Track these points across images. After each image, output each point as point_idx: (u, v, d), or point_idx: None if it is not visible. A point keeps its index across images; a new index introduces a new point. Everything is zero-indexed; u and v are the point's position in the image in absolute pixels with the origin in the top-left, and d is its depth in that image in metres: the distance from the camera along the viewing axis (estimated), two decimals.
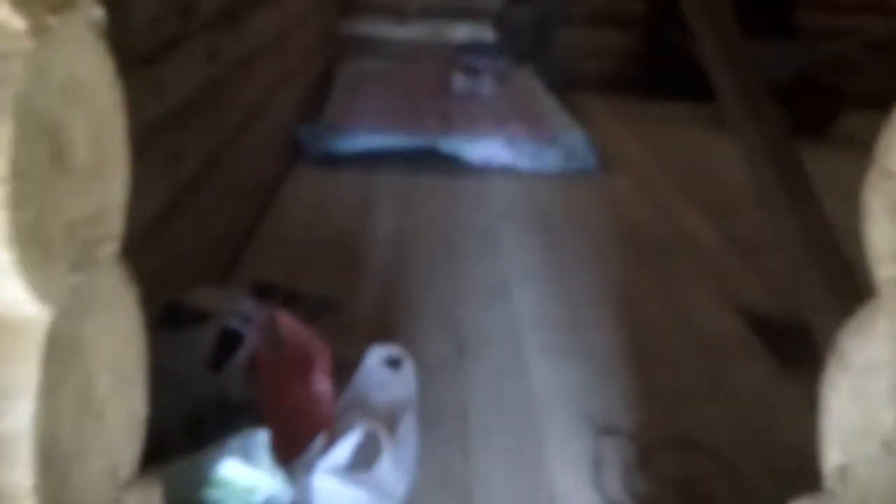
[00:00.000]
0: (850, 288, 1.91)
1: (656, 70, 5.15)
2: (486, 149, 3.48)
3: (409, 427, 1.53)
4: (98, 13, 0.59)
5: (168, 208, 1.87)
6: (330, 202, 3.10)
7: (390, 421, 1.51)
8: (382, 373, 1.63)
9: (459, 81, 4.14)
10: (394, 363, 1.67)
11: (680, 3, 2.60)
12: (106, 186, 0.61)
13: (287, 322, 1.53)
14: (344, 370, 1.69)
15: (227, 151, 2.38)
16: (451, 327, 2.20)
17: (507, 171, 3.49)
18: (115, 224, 0.65)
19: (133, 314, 0.69)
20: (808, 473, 0.84)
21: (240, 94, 2.55)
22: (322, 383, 1.45)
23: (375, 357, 1.63)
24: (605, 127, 4.35)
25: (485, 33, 5.08)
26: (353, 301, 2.29)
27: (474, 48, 4.52)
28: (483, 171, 3.48)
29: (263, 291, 2.13)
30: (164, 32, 1.85)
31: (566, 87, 4.92)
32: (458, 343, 2.12)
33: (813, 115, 4.37)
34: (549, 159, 3.48)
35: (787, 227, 2.04)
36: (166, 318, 1.62)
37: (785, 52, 4.36)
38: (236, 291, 1.83)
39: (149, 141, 1.73)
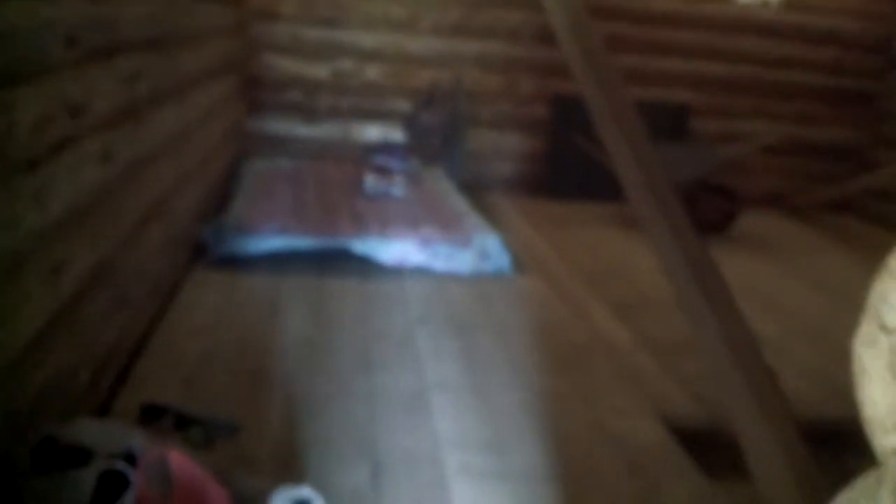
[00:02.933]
0: (775, 395, 1.88)
1: (560, 171, 5.29)
2: (399, 250, 3.39)
3: None
4: None
5: (46, 328, 1.67)
6: (233, 307, 2.91)
7: None
8: None
9: (371, 182, 4.08)
10: None
11: (588, 108, 2.64)
12: None
13: (179, 461, 1.34)
14: None
15: (117, 258, 2.19)
16: (367, 449, 2.03)
17: (421, 273, 3.40)
18: None
19: None
20: None
21: (135, 196, 2.39)
22: None
23: (280, 501, 1.46)
24: (515, 227, 4.37)
25: (395, 134, 5.10)
26: (257, 422, 2.09)
27: (385, 149, 4.50)
28: (397, 272, 3.39)
29: (153, 415, 1.92)
30: (52, 134, 1.70)
31: (475, 187, 4.97)
32: (373, 467, 1.95)
33: (714, 215, 4.54)
34: (464, 261, 3.43)
35: (707, 333, 2.01)
36: (41, 458, 1.41)
37: (687, 155, 4.55)
38: (121, 424, 1.62)
39: (27, 255, 1.54)
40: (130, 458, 1.38)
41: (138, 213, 2.43)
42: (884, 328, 0.53)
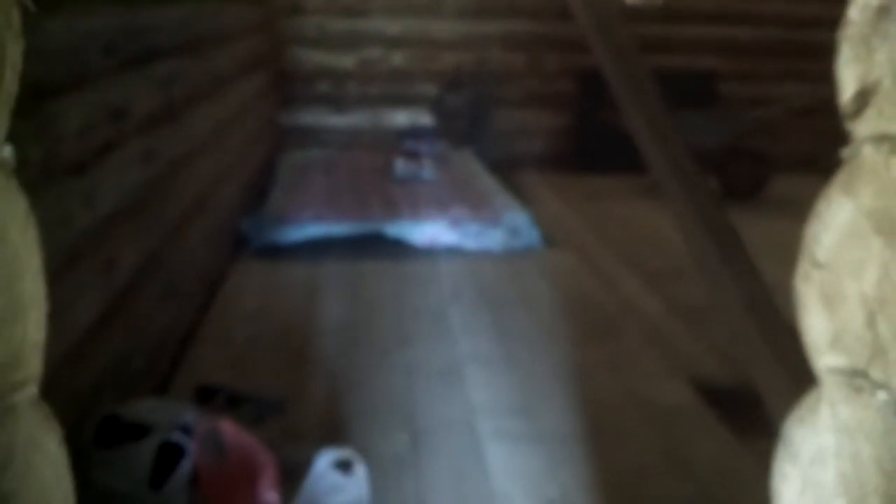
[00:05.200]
0: (795, 352, 1.94)
1: (589, 146, 5.32)
2: (431, 231, 3.50)
3: None
4: (6, 151, 0.57)
5: (103, 317, 1.81)
6: (275, 294, 3.05)
7: None
8: (333, 477, 1.58)
9: (401, 167, 4.19)
10: (344, 466, 1.62)
11: (608, 83, 2.70)
12: (20, 329, 0.58)
13: (230, 431, 1.47)
14: (293, 475, 1.63)
15: (164, 252, 2.34)
16: (405, 419, 2.15)
17: (452, 253, 3.51)
18: (32, 366, 0.61)
19: (57, 459, 0.65)
20: None
21: (178, 193, 2.53)
22: (268, 495, 1.39)
23: (325, 461, 1.58)
24: (544, 203, 4.44)
25: (422, 119, 5.20)
26: (302, 398, 2.23)
27: (414, 133, 4.60)
28: (429, 253, 3.49)
29: (206, 395, 2.07)
30: (96, 139, 1.83)
31: (503, 166, 5.04)
32: (412, 434, 2.07)
33: (743, 181, 4.54)
34: (494, 239, 3.52)
35: (727, 295, 2.07)
36: (104, 434, 1.55)
37: (713, 121, 4.55)
38: (176, 400, 1.76)
39: (80, 251, 1.68)
40: (186, 430, 1.51)
41: (181, 209, 2.58)
42: (815, 264, 0.61)
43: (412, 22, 5.17)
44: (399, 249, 3.51)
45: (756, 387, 2.00)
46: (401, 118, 5.25)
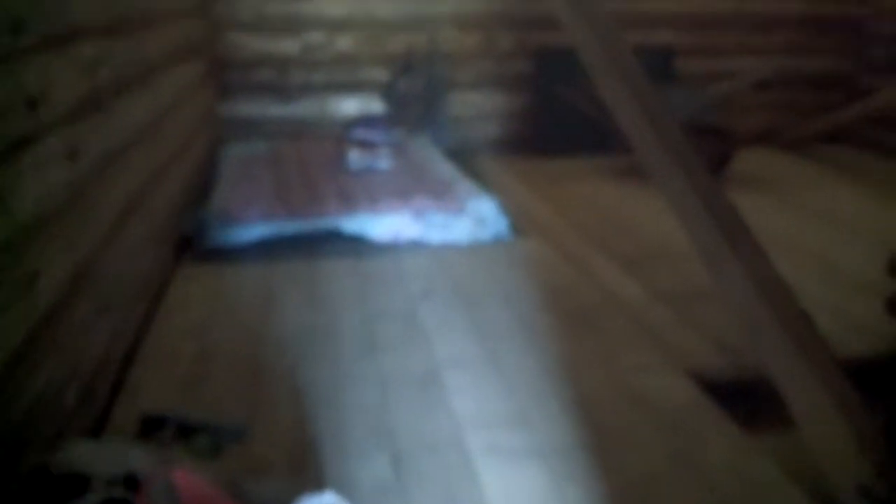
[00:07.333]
0: (813, 338, 1.77)
1: (548, 127, 5.14)
2: (392, 224, 3.25)
3: None
4: None
5: (27, 341, 1.52)
6: (225, 301, 2.77)
7: None
8: None
9: (355, 157, 3.92)
10: None
11: (577, 59, 2.50)
12: None
13: (185, 482, 1.21)
14: None
15: (97, 261, 2.04)
16: (384, 438, 1.91)
17: (417, 247, 3.27)
18: None
19: None
20: None
21: (109, 193, 2.23)
22: None
23: None
24: (507, 189, 4.23)
25: (374, 105, 4.92)
26: (264, 422, 1.96)
27: (365, 121, 4.33)
28: (392, 248, 3.25)
29: (153, 426, 1.79)
30: (9, 130, 1.54)
31: (462, 152, 4.82)
32: (394, 456, 1.83)
33: (708, 156, 4.40)
34: (460, 230, 3.29)
35: (734, 280, 1.89)
36: (32, 490, 1.28)
37: (675, 97, 4.41)
38: (118, 442, 1.49)
39: None
40: (132, 482, 1.25)
41: (114, 212, 2.28)
42: None
43: (357, 3, 4.89)
44: (358, 246, 3.26)
45: (763, 377, 1.84)
46: (350, 106, 4.96)
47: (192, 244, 3.20)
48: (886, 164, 5.05)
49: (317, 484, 1.70)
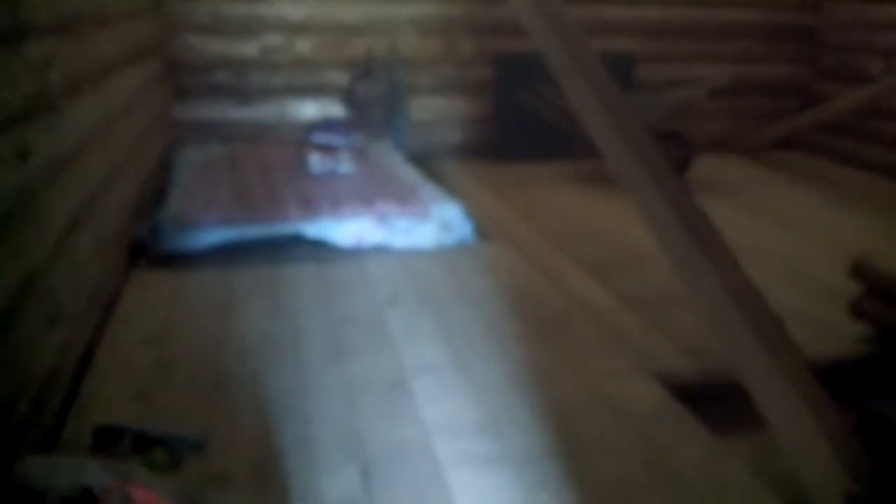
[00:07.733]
0: (784, 342, 1.77)
1: (510, 133, 5.13)
2: (355, 229, 3.19)
3: None
4: None
5: None
6: (182, 309, 2.68)
7: None
8: None
9: (316, 161, 3.85)
10: None
11: (539, 65, 2.49)
12: None
13: (143, 498, 1.15)
14: None
15: (47, 269, 1.94)
16: (351, 447, 1.85)
17: (380, 252, 3.21)
18: None
19: None
20: None
21: (60, 198, 2.13)
22: None
23: None
24: (470, 194, 4.20)
25: (334, 109, 4.86)
26: (225, 432, 1.89)
27: (325, 125, 4.26)
28: (355, 254, 3.19)
29: (108, 438, 1.71)
30: None
31: (423, 157, 4.78)
32: (362, 466, 1.78)
33: (668, 163, 4.43)
34: (425, 235, 3.25)
35: (705, 284, 1.88)
36: None
37: (637, 103, 4.43)
38: (72, 457, 1.41)
39: None
40: (88, 498, 1.17)
41: (65, 217, 2.18)
42: None
43: (317, 6, 4.82)
44: (321, 251, 3.19)
45: (734, 380, 1.83)
46: (310, 109, 4.88)
47: (146, 250, 3.09)
48: (840, 169, 5.16)
49: (282, 497, 1.64)
